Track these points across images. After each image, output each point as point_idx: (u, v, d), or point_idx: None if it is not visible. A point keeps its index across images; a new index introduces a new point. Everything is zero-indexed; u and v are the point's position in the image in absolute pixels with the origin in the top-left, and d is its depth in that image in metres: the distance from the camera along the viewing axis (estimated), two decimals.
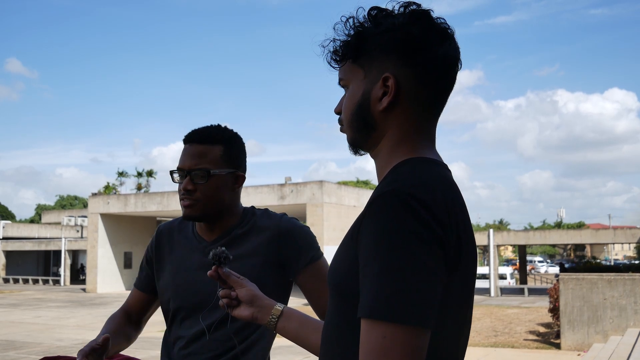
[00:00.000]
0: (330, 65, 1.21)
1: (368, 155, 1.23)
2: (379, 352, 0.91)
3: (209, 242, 1.91)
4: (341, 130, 1.23)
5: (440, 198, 1.00)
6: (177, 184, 1.91)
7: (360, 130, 1.17)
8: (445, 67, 1.12)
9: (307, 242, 1.92)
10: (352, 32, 1.15)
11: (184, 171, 1.87)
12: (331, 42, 1.18)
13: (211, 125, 1.94)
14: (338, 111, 1.23)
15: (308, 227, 1.97)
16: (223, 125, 1.96)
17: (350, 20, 1.16)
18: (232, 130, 1.97)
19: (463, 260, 1.01)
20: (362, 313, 0.95)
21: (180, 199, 1.88)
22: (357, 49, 1.15)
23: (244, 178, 1.95)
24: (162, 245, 2.00)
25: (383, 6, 1.15)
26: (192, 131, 1.92)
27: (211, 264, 1.41)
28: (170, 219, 2.08)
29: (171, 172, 1.92)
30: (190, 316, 1.87)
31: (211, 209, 1.87)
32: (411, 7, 1.13)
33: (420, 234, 0.94)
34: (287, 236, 1.89)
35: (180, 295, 1.89)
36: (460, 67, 1.15)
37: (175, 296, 1.90)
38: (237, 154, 1.94)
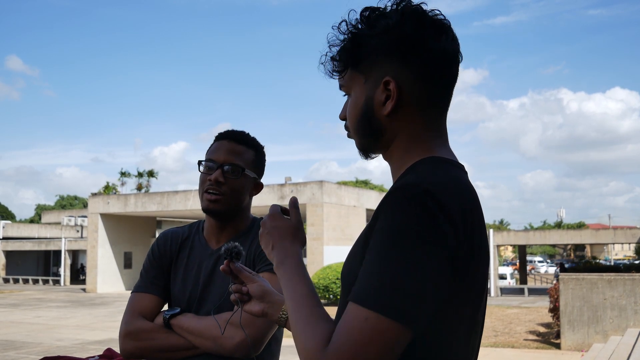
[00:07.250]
0: (331, 77, 1.18)
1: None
2: (355, 330, 0.92)
3: (214, 250, 1.91)
4: (348, 136, 1.21)
5: (456, 199, 0.98)
6: (202, 175, 1.91)
7: (368, 135, 1.15)
8: (445, 61, 1.10)
9: None
10: (346, 37, 1.12)
11: (217, 163, 1.88)
12: (328, 52, 1.16)
13: (243, 131, 1.98)
14: (343, 117, 1.21)
15: None
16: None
17: (343, 24, 1.13)
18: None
19: (475, 263, 1.00)
20: (352, 298, 0.95)
21: (205, 190, 1.88)
22: (355, 56, 1.12)
23: (261, 187, 1.99)
24: (174, 250, 1.97)
25: (375, 4, 1.12)
26: (230, 130, 1.97)
27: (223, 258, 1.40)
28: (172, 222, 2.06)
29: (200, 162, 1.93)
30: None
31: (231, 207, 1.89)
32: (403, 4, 1.10)
33: (428, 234, 0.93)
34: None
35: (187, 302, 1.88)
36: (461, 59, 1.13)
37: (187, 305, 1.88)
38: (263, 164, 2.00)
